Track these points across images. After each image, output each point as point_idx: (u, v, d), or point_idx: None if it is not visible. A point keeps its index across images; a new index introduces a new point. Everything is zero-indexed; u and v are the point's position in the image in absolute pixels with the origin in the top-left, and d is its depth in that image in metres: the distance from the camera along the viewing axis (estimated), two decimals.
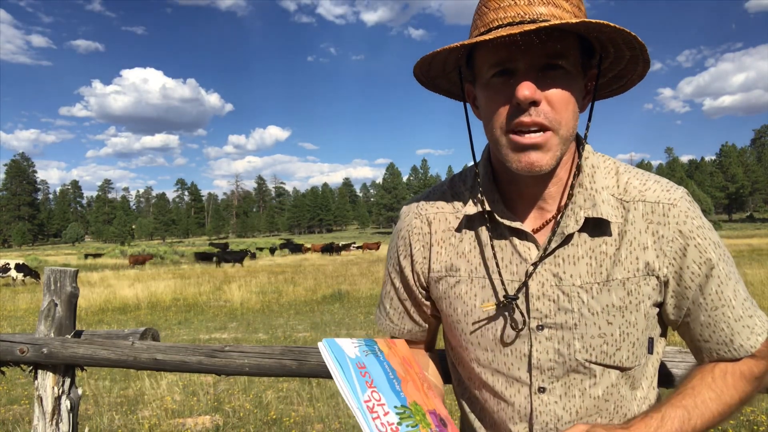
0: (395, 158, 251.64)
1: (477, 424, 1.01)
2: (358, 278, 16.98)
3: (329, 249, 39.29)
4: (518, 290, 0.89)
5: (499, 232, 0.93)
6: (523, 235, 0.91)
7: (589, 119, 0.91)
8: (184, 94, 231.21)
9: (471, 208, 0.96)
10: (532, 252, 0.90)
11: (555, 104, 0.81)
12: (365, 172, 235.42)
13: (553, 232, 0.88)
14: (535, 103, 0.80)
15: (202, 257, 34.02)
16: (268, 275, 19.49)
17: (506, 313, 0.91)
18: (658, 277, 0.87)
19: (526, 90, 0.78)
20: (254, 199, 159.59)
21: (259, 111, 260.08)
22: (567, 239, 0.88)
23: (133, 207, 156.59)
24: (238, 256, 29.78)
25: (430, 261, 1.00)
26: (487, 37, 0.76)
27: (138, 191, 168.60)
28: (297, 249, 44.42)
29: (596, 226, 0.88)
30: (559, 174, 0.90)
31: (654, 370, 0.97)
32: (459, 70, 0.95)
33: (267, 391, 5.43)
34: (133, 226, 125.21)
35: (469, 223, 0.97)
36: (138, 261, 32.10)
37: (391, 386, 0.86)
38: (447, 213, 1.00)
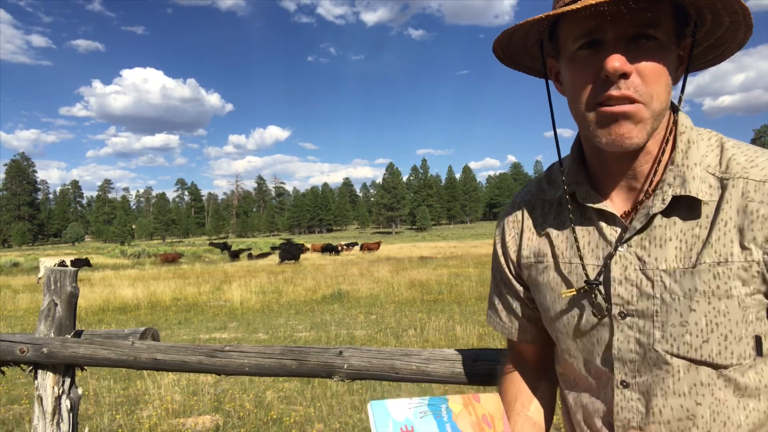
0: (395, 158, 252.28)
1: (572, 417, 0.98)
2: (358, 278, 16.96)
3: (329, 249, 39.23)
4: (598, 274, 0.85)
5: (587, 216, 0.89)
6: (610, 217, 0.86)
7: (682, 91, 0.84)
8: (184, 94, 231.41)
9: (556, 192, 0.95)
10: (617, 235, 0.85)
11: (646, 77, 0.76)
12: (365, 172, 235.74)
13: (640, 212, 0.83)
14: (625, 76, 0.75)
15: (234, 254, 35.95)
16: (268, 275, 19.48)
17: (586, 300, 0.87)
18: (758, 263, 0.76)
19: (616, 62, 0.74)
20: (254, 199, 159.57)
21: (259, 111, 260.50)
22: (651, 220, 0.82)
23: (133, 207, 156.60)
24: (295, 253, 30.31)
25: (520, 248, 0.99)
26: (573, 6, 0.72)
27: (138, 191, 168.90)
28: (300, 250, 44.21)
29: (689, 208, 0.81)
30: (650, 150, 0.83)
31: None
32: (541, 44, 0.89)
33: (267, 391, 5.43)
34: (133, 226, 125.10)
35: (558, 207, 0.95)
36: (168, 259, 32.93)
37: None
38: (538, 199, 0.99)
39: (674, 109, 0.88)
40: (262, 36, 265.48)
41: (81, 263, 24.07)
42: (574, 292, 0.87)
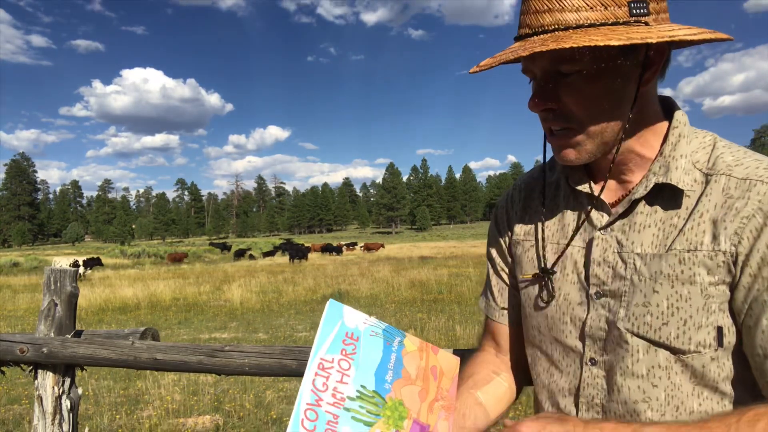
0: (395, 158, 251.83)
1: (538, 396, 1.00)
2: (359, 278, 16.97)
3: (330, 249, 39.26)
4: (554, 263, 0.92)
5: (579, 200, 0.95)
6: (598, 203, 0.91)
7: (642, 79, 0.82)
8: (184, 94, 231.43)
9: (553, 175, 1.01)
10: (603, 220, 0.90)
11: (573, 106, 0.81)
12: (365, 172, 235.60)
13: (624, 200, 0.87)
14: (551, 110, 0.83)
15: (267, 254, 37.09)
16: (268, 275, 19.49)
17: (544, 282, 0.94)
18: (724, 253, 0.77)
19: (531, 103, 0.83)
20: (254, 199, 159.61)
21: (259, 111, 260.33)
22: (633, 205, 0.86)
23: (133, 207, 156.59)
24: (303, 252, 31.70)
25: (513, 226, 1.04)
26: (494, 59, 0.80)
27: (138, 191, 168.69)
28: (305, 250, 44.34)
29: (671, 198, 0.84)
30: (634, 148, 0.87)
31: (740, 376, 0.81)
32: None
33: (267, 391, 5.43)
34: (133, 226, 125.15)
35: (555, 189, 1.00)
36: (176, 258, 33.97)
37: (377, 372, 0.83)
38: (538, 182, 1.04)
39: (670, 107, 0.90)
40: (262, 36, 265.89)
41: (94, 262, 24.55)
42: (530, 277, 0.96)
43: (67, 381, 2.09)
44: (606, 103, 0.82)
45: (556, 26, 0.77)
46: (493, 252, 1.10)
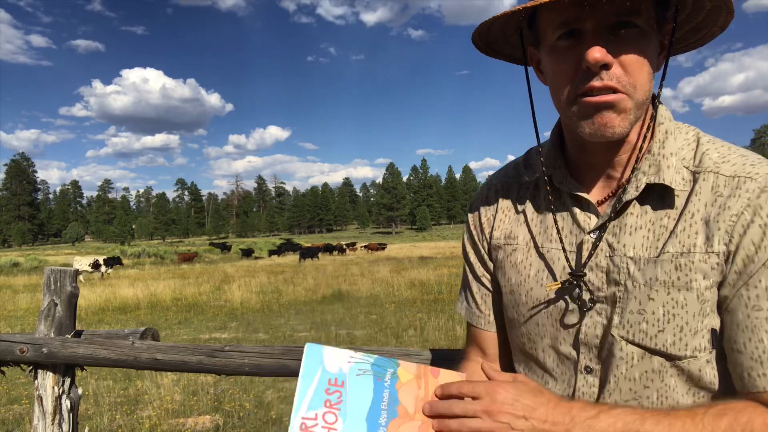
0: (395, 158, 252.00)
1: None
2: (359, 278, 16.97)
3: (330, 249, 39.28)
4: (584, 265, 0.83)
5: (562, 201, 0.89)
6: (584, 204, 0.86)
7: (663, 78, 0.82)
8: (184, 94, 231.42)
9: (533, 176, 0.95)
10: (591, 221, 0.85)
11: (628, 66, 0.74)
12: (365, 172, 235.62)
13: (615, 200, 0.83)
14: (606, 67, 0.74)
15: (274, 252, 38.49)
16: (268, 275, 19.48)
17: (564, 289, 0.86)
18: (717, 254, 0.75)
19: (596, 53, 0.72)
20: (254, 199, 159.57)
21: (259, 111, 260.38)
22: (624, 207, 0.82)
23: (133, 207, 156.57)
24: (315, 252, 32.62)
25: (492, 229, 0.98)
26: (542, 0, 0.70)
27: (138, 191, 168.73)
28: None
29: (661, 197, 0.81)
30: (630, 140, 0.83)
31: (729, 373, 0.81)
32: (521, 33, 0.88)
33: (267, 391, 5.43)
34: (133, 226, 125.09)
35: (534, 190, 0.95)
36: (186, 258, 34.59)
37: (369, 417, 0.74)
38: (514, 182, 0.99)
39: (652, 101, 0.87)
40: (262, 36, 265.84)
41: (114, 261, 24.89)
42: (559, 285, 0.85)
43: (67, 381, 2.09)
44: (650, 69, 0.77)
45: None
46: (471, 257, 1.03)
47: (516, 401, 0.71)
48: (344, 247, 41.30)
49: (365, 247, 45.09)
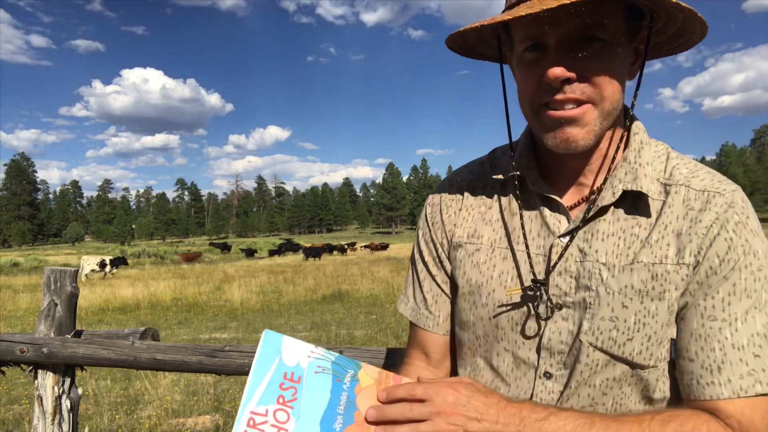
0: (395, 158, 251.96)
1: None
2: (359, 278, 16.97)
3: (331, 249, 39.27)
4: (552, 268, 0.82)
5: (531, 203, 0.88)
6: (554, 205, 0.85)
7: (638, 87, 0.82)
8: (184, 94, 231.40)
9: (501, 174, 0.93)
10: (561, 225, 0.84)
11: (593, 79, 0.75)
12: (365, 172, 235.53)
13: (588, 205, 0.82)
14: (568, 81, 0.75)
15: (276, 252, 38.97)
16: (268, 275, 19.49)
17: (528, 295, 0.84)
18: (687, 266, 0.76)
19: (556, 70, 0.73)
20: (254, 199, 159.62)
21: (259, 111, 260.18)
22: (600, 212, 0.82)
23: (133, 207, 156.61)
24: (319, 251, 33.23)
25: (455, 227, 0.95)
26: (506, 16, 0.71)
27: (138, 191, 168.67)
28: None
29: (634, 204, 0.81)
30: (602, 149, 0.84)
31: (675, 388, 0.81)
32: (498, 36, 0.89)
33: None
34: (133, 226, 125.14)
35: (501, 190, 0.93)
36: (189, 258, 34.87)
37: (323, 420, 0.69)
38: (480, 180, 0.97)
39: (625, 111, 0.87)
40: (262, 36, 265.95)
41: (119, 262, 25.26)
42: (520, 291, 0.84)
43: (67, 381, 2.09)
44: (619, 81, 0.78)
45: None
46: (426, 255, 0.98)
47: (468, 403, 0.69)
48: (345, 247, 41.27)
49: (365, 246, 45.05)
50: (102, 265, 23.59)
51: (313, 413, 0.69)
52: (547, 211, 0.86)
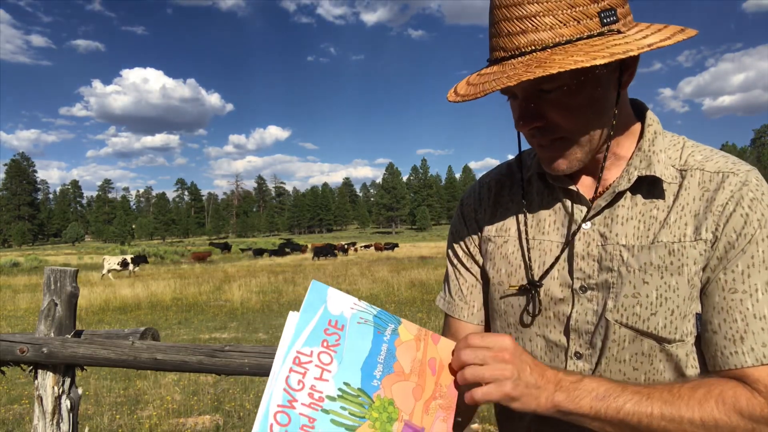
0: (395, 158, 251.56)
1: None
2: (359, 278, 16.97)
3: (332, 250, 39.13)
4: (551, 266, 0.89)
5: (554, 195, 0.94)
6: (576, 197, 0.91)
7: (616, 104, 0.84)
8: (185, 94, 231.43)
9: (526, 173, 1.00)
10: (583, 214, 0.90)
11: (560, 120, 0.81)
12: (365, 172, 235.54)
13: (606, 193, 0.88)
14: (538, 128, 0.83)
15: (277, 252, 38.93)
16: (268, 275, 19.49)
17: (531, 294, 0.92)
18: (705, 241, 0.81)
19: (521, 122, 0.83)
20: (254, 198, 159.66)
21: (259, 111, 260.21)
22: (617, 198, 0.87)
23: (133, 207, 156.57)
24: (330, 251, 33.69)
25: (485, 223, 1.02)
26: (477, 89, 0.79)
27: (138, 191, 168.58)
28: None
29: (650, 189, 0.86)
30: (613, 149, 0.89)
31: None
32: None
33: None
34: (133, 226, 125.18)
35: (528, 187, 0.99)
36: (200, 257, 34.92)
37: (364, 367, 0.73)
38: (507, 179, 1.04)
39: (640, 109, 0.93)
40: (262, 36, 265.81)
41: (140, 260, 25.40)
42: (516, 289, 0.93)
43: (67, 381, 2.09)
44: (591, 112, 0.83)
45: (533, 47, 0.76)
46: (459, 250, 1.06)
47: (523, 354, 0.77)
48: (346, 247, 41.22)
49: (365, 246, 44.97)
50: (124, 264, 23.59)
51: (355, 359, 0.73)
52: (569, 203, 0.92)
